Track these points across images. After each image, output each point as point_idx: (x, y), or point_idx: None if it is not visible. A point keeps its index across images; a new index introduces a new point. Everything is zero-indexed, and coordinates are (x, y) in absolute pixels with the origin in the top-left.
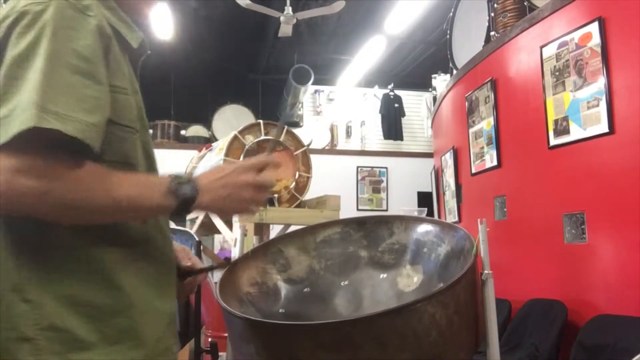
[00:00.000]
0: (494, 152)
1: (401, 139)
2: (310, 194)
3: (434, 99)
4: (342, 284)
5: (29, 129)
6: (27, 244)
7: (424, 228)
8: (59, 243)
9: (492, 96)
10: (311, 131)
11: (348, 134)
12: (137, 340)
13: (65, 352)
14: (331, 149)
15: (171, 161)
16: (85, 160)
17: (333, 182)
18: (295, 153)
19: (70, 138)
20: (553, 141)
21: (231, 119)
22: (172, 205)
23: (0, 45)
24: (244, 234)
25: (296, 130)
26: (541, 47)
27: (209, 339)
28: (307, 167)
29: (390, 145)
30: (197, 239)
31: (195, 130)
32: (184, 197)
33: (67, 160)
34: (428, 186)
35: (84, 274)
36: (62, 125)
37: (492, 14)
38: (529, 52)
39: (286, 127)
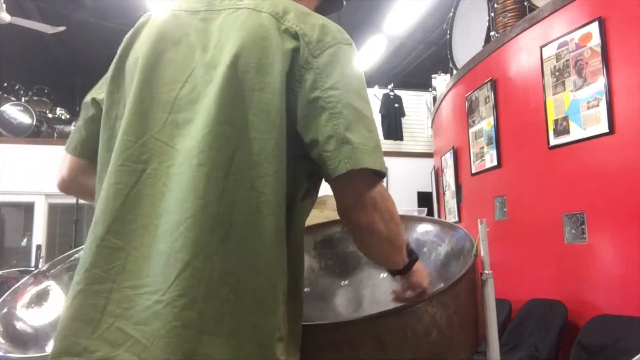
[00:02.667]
0: (494, 152)
1: (401, 139)
2: None
3: (434, 99)
4: (342, 283)
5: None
6: (294, 258)
7: (423, 228)
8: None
9: (492, 96)
10: None
11: None
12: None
13: (288, 355)
14: None
15: None
16: None
17: None
18: None
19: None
20: (553, 141)
21: None
22: (405, 262)
23: (319, 64)
24: None
25: None
26: (541, 47)
27: None
28: None
29: (390, 145)
30: None
31: None
32: (415, 258)
33: None
34: (428, 186)
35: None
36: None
37: (492, 14)
38: (529, 52)
39: None
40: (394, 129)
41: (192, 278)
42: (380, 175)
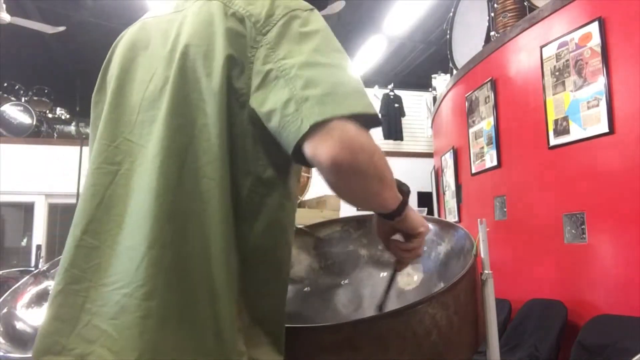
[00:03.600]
0: (494, 152)
1: (401, 139)
2: (310, 194)
3: (434, 99)
4: (342, 283)
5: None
6: (271, 248)
7: None
8: (280, 254)
9: (492, 96)
10: None
11: None
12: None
13: (251, 347)
14: None
15: None
16: None
17: None
18: None
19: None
20: (553, 141)
21: None
22: (400, 199)
23: (269, 39)
24: None
25: None
26: (541, 47)
27: None
28: (307, 167)
29: (390, 145)
30: None
31: None
32: (407, 192)
33: None
34: (428, 186)
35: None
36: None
37: (492, 14)
38: (529, 52)
39: None
40: (394, 129)
41: (150, 267)
42: (367, 120)
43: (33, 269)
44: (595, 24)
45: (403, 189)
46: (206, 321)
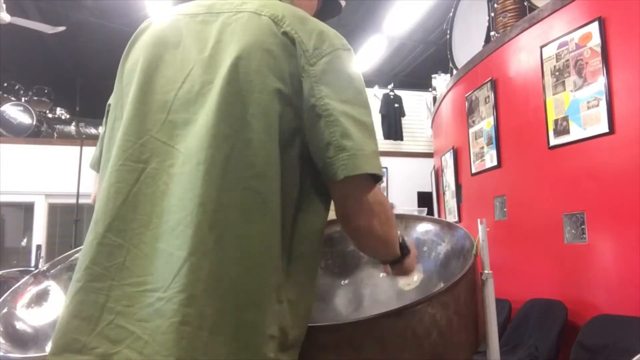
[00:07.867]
0: (494, 152)
1: (401, 139)
2: None
3: (434, 99)
4: (342, 283)
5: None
6: (302, 258)
7: (423, 227)
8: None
9: (492, 96)
10: None
11: None
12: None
13: (279, 353)
14: None
15: None
16: None
17: None
18: None
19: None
20: (553, 141)
21: None
22: (397, 255)
23: (316, 72)
24: None
25: None
26: (541, 47)
27: None
28: None
29: (390, 145)
30: None
31: None
32: (406, 252)
33: None
34: (428, 186)
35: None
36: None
37: (492, 14)
38: (529, 52)
39: None
40: (394, 129)
41: (191, 275)
42: (377, 178)
43: (33, 269)
44: (595, 24)
45: (404, 247)
46: (240, 331)
